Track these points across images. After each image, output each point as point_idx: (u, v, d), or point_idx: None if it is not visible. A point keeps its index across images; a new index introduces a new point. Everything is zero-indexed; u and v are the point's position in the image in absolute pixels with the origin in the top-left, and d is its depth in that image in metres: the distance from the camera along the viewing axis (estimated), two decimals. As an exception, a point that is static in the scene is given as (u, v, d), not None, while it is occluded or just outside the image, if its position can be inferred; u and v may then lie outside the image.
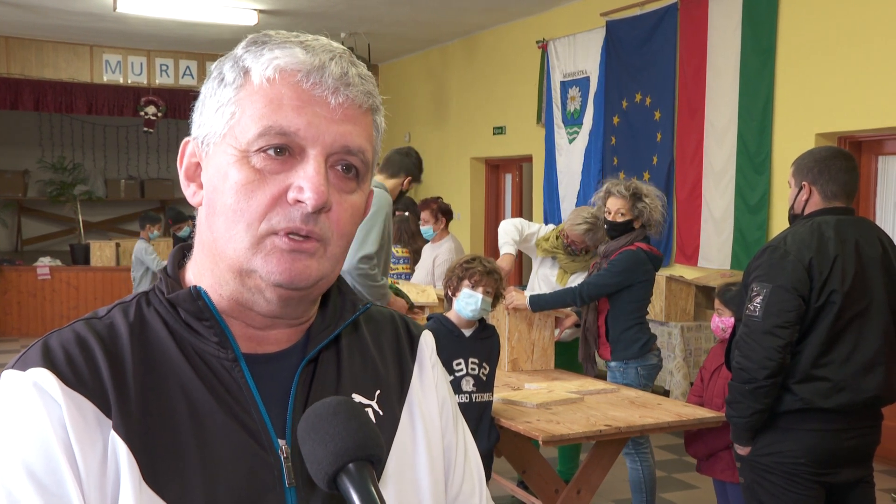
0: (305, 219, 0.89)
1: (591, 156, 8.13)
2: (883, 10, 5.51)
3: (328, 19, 9.10)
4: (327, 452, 0.81)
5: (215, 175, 0.92)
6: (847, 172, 3.02)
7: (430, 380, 1.07)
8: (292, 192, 0.88)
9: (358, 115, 0.93)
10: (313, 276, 0.91)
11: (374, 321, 1.08)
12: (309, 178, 0.88)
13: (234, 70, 0.92)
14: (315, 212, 0.89)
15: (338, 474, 0.81)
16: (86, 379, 0.87)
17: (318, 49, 0.91)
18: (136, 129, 13.41)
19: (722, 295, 3.80)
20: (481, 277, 3.49)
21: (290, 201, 0.89)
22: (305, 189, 0.88)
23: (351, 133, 0.91)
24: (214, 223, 0.91)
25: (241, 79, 0.91)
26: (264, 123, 0.89)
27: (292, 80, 0.90)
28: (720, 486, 3.82)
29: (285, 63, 0.90)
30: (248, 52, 0.92)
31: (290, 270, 0.89)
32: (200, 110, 0.95)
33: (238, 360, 0.93)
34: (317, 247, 0.90)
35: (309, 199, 0.88)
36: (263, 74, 0.90)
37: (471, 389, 3.46)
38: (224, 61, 0.94)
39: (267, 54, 0.91)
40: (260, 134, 0.89)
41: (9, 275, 10.24)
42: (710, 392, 3.85)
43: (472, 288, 3.48)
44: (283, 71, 0.90)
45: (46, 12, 9.08)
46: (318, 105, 0.90)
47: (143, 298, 0.97)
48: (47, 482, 0.82)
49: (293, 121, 0.89)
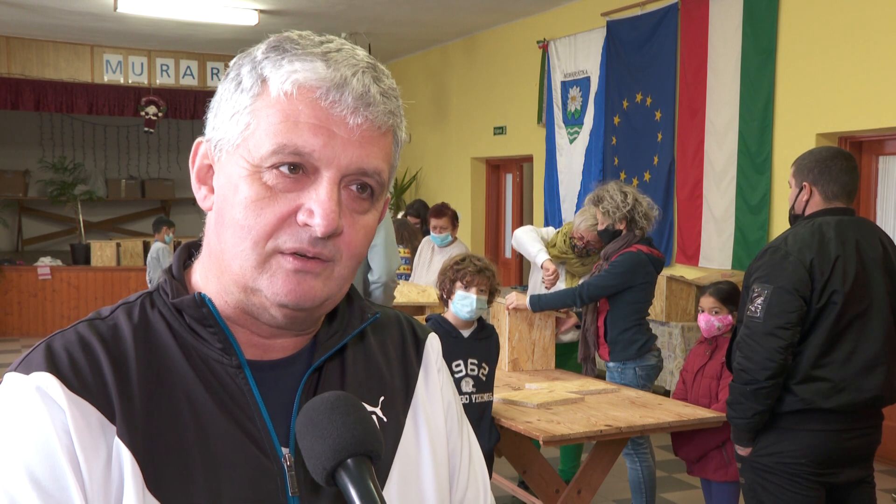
0: (313, 242, 0.87)
1: (592, 156, 8.13)
2: (883, 10, 5.51)
3: (328, 19, 9.10)
4: (325, 448, 0.81)
5: (226, 185, 0.90)
6: (848, 173, 3.02)
7: (436, 384, 1.06)
8: (302, 215, 0.86)
9: (376, 137, 0.89)
10: (318, 298, 0.89)
11: (379, 325, 1.06)
12: (321, 203, 0.86)
13: (252, 76, 0.89)
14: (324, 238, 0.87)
15: (336, 470, 0.80)
16: (90, 384, 0.86)
17: (340, 62, 0.87)
18: (137, 129, 13.41)
19: (719, 293, 3.80)
20: (473, 277, 3.47)
21: (300, 223, 0.87)
22: (316, 214, 0.86)
23: (368, 156, 0.89)
24: (223, 235, 0.90)
25: (258, 87, 0.88)
26: (279, 141, 0.86)
27: (311, 96, 0.86)
28: (706, 484, 3.83)
29: (304, 78, 0.86)
30: (267, 58, 0.89)
31: (296, 291, 0.88)
32: (216, 112, 0.92)
33: (242, 367, 0.92)
34: (323, 267, 0.88)
35: (318, 227, 0.86)
36: (281, 88, 0.87)
37: (471, 390, 3.46)
38: (243, 62, 0.91)
39: (286, 66, 0.87)
40: (274, 151, 0.86)
41: (9, 275, 10.24)
42: (695, 393, 3.84)
43: (465, 289, 3.46)
44: (302, 87, 0.86)
45: (47, 12, 9.08)
46: (335, 125, 0.87)
47: (147, 299, 0.95)
48: (50, 488, 0.81)
49: (309, 141, 0.86)
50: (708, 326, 3.78)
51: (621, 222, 4.35)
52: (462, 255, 3.65)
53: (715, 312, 3.77)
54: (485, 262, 3.58)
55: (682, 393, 3.95)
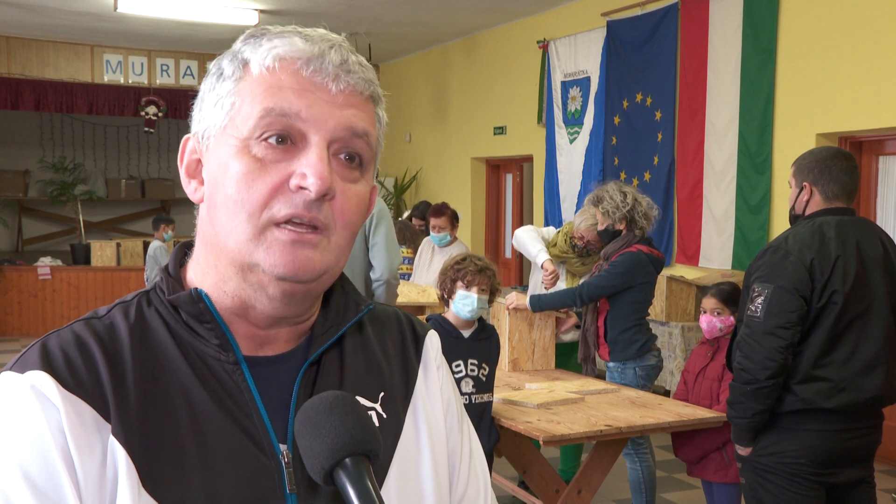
0: (308, 206, 0.87)
1: (592, 156, 8.13)
2: (883, 10, 5.50)
3: (328, 19, 9.08)
4: (324, 447, 0.80)
5: (216, 168, 0.90)
6: (848, 173, 3.02)
7: (436, 381, 1.05)
8: (295, 179, 0.87)
9: (360, 101, 0.92)
10: (317, 269, 0.89)
11: (378, 321, 1.06)
12: (311, 165, 0.86)
13: (233, 63, 0.92)
14: (318, 199, 0.87)
15: (334, 469, 0.80)
16: (85, 382, 0.85)
17: (316, 38, 0.90)
18: (137, 129, 13.42)
19: (721, 294, 3.79)
20: (474, 276, 3.47)
21: (293, 188, 0.87)
22: (308, 175, 0.86)
23: (355, 116, 0.90)
24: (216, 216, 0.90)
25: (240, 71, 0.91)
26: (265, 105, 0.87)
27: (292, 67, 0.89)
28: (707, 486, 3.83)
29: (284, 51, 0.89)
30: (246, 44, 0.92)
31: (294, 262, 0.87)
32: (200, 106, 0.94)
33: (239, 363, 0.92)
34: (319, 238, 0.89)
35: (312, 185, 0.86)
36: (263, 64, 0.89)
37: (470, 390, 3.45)
38: (222, 58, 0.94)
39: (266, 44, 0.90)
40: (261, 116, 0.88)
41: (9, 275, 10.24)
42: (696, 394, 3.84)
43: (466, 288, 3.46)
44: (283, 59, 0.89)
45: (47, 12, 9.08)
46: (319, 91, 0.89)
47: (143, 298, 0.95)
48: (44, 487, 0.81)
49: (294, 102, 0.87)
50: (710, 327, 3.78)
51: (621, 222, 4.36)
52: (463, 255, 3.65)
53: (717, 313, 3.76)
54: (485, 261, 3.58)
55: (683, 394, 3.94)
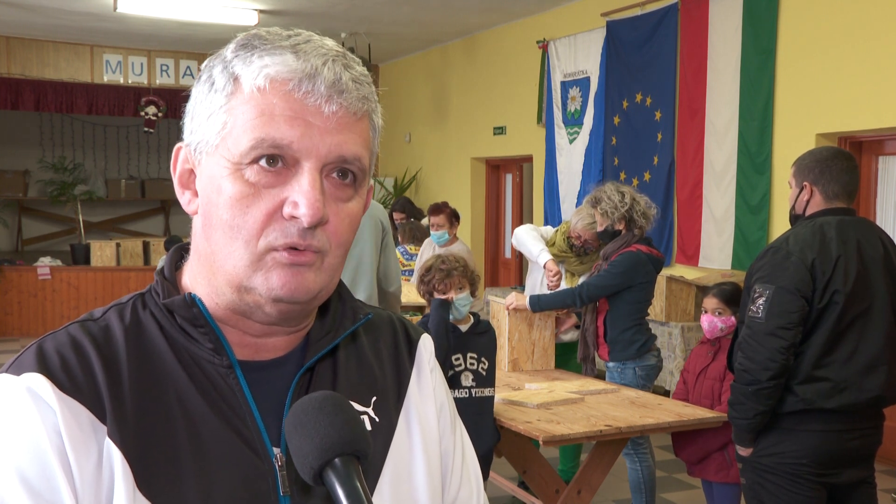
0: (303, 234, 0.87)
1: (592, 156, 8.13)
2: (883, 10, 5.50)
3: (328, 19, 9.10)
4: (313, 447, 0.81)
5: (209, 186, 0.90)
6: (848, 173, 3.02)
7: (429, 384, 1.06)
8: (287, 208, 0.87)
9: (353, 123, 0.90)
10: (313, 289, 0.90)
11: (372, 325, 1.06)
12: (304, 193, 0.86)
13: (224, 76, 0.89)
14: (311, 227, 0.87)
15: (324, 469, 0.80)
16: (81, 384, 0.86)
17: (310, 53, 0.88)
18: (137, 129, 13.42)
19: (722, 294, 3.79)
20: (443, 282, 3.48)
21: (286, 216, 0.87)
22: (301, 205, 0.86)
23: (346, 142, 0.89)
24: (212, 236, 0.90)
25: (231, 86, 0.89)
26: (256, 135, 0.86)
27: (284, 89, 0.87)
28: (707, 486, 3.82)
29: (276, 72, 0.87)
30: (237, 56, 0.89)
31: (290, 284, 0.88)
32: (192, 115, 0.93)
33: (233, 367, 0.92)
34: (314, 258, 0.89)
35: (304, 217, 0.86)
36: (254, 84, 0.87)
37: (470, 384, 3.45)
38: (214, 64, 0.91)
39: (257, 62, 0.88)
40: (252, 146, 0.86)
41: (9, 275, 10.23)
42: (697, 394, 3.83)
43: (442, 294, 3.49)
44: (274, 80, 0.87)
45: (47, 12, 9.08)
46: (310, 115, 0.87)
47: (139, 300, 0.95)
48: (41, 489, 0.81)
49: (286, 133, 0.86)
50: (711, 327, 3.77)
51: (620, 222, 4.35)
52: (426, 265, 3.62)
53: (718, 313, 3.76)
54: (450, 261, 3.55)
55: (682, 393, 3.94)
